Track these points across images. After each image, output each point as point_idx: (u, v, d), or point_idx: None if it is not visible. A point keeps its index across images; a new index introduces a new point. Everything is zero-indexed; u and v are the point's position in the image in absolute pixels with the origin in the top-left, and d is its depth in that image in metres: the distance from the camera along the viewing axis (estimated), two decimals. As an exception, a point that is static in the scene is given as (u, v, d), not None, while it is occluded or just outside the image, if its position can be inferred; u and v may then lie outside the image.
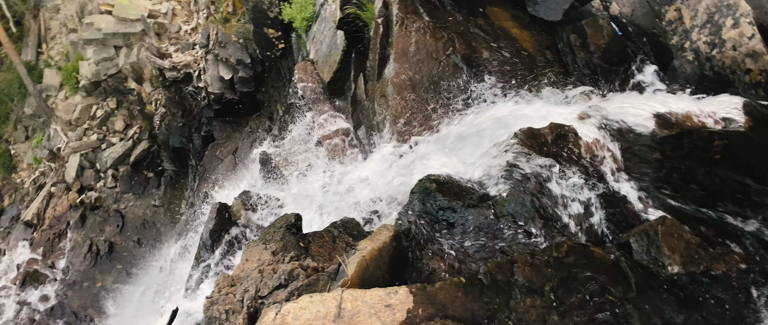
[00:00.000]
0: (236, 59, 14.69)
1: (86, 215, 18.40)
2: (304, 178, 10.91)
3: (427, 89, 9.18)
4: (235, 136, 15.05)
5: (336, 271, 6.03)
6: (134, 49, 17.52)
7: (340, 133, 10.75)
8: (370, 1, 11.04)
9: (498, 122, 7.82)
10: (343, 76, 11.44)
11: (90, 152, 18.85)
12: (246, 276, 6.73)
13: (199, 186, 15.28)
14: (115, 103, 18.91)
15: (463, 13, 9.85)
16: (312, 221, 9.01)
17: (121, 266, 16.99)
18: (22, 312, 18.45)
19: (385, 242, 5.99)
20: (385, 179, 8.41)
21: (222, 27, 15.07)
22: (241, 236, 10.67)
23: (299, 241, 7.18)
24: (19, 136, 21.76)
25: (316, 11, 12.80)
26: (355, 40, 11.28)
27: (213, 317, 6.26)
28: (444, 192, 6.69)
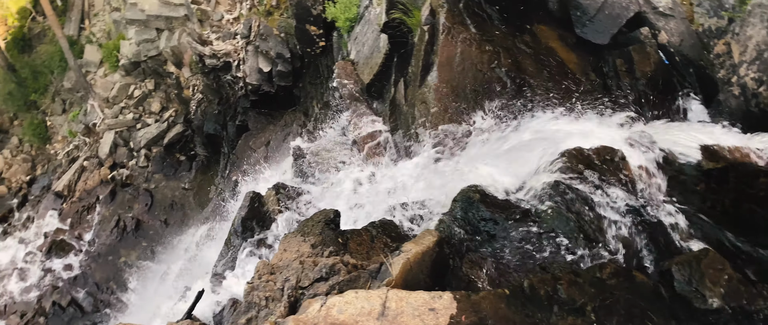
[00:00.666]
0: (276, 53, 14.73)
1: (116, 191, 18.52)
2: (336, 176, 10.90)
3: (469, 100, 9.14)
4: (269, 129, 15.09)
5: (377, 270, 6.01)
6: (176, 33, 17.63)
7: (376, 135, 10.73)
8: (416, 7, 11.03)
9: (542, 138, 7.77)
10: (383, 79, 11.42)
11: (125, 131, 18.98)
12: (285, 265, 6.73)
13: (229, 174, 15.34)
14: (153, 85, 19.03)
15: (510, 28, 9.80)
16: (345, 219, 8.99)
17: (146, 244, 17.08)
18: (45, 278, 18.62)
19: (428, 246, 5.97)
20: (422, 184, 8.40)
21: (264, 19, 15.12)
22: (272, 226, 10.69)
23: (338, 237, 7.17)
24: (56, 109, 21.96)
25: (360, 13, 12.80)
26: (398, 44, 11.26)
27: (253, 303, 6.27)
28: (487, 203, 6.65)
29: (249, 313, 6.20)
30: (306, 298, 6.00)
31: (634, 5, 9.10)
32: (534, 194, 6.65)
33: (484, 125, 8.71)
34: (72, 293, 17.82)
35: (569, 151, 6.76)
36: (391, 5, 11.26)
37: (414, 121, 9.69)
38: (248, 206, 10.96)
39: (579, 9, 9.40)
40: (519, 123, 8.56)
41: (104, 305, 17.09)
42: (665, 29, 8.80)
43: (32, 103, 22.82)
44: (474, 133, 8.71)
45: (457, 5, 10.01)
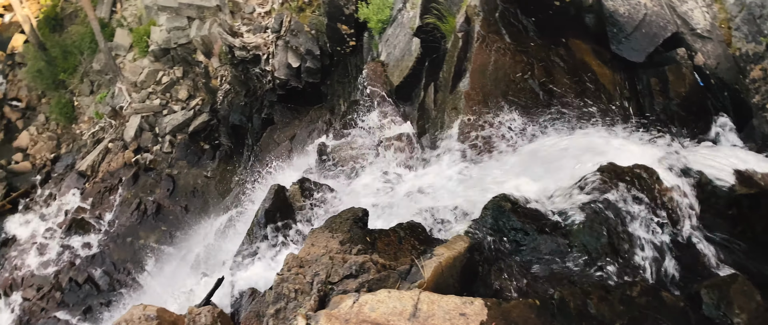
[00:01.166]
0: (306, 49, 14.78)
1: (139, 174, 18.67)
2: (361, 175, 10.93)
3: (501, 108, 9.12)
4: (295, 123, 15.15)
5: (407, 271, 6.03)
6: (207, 22, 17.75)
7: (403, 138, 10.73)
8: (451, 14, 11.03)
9: (574, 151, 7.74)
10: (413, 82, 11.42)
11: (151, 116, 19.13)
12: (314, 260, 6.76)
13: (253, 165, 15.41)
14: (182, 73, 19.16)
15: (545, 40, 9.77)
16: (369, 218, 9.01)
17: (166, 228, 17.20)
18: (63, 255, 18.83)
19: (460, 251, 5.98)
20: (450, 190, 8.39)
21: (296, 15, 15.18)
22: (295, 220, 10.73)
23: (366, 235, 7.19)
24: (84, 90, 22.16)
25: (392, 15, 12.81)
26: (429, 49, 11.26)
27: (282, 294, 6.30)
28: (518, 213, 6.65)
29: (278, 304, 6.23)
30: (335, 293, 6.03)
31: (672, 25, 9.05)
32: (565, 207, 6.63)
33: (515, 135, 8.69)
34: (89, 271, 18.00)
35: (604, 166, 6.72)
36: (426, 10, 11.26)
37: (443, 126, 9.69)
38: (273, 198, 11.02)
39: (616, 26, 9.36)
40: (550, 135, 8.54)
41: (120, 285, 17.25)
42: (702, 51, 8.75)
43: (61, 82, 23.04)
44: (504, 141, 8.69)
45: (493, 14, 9.99)
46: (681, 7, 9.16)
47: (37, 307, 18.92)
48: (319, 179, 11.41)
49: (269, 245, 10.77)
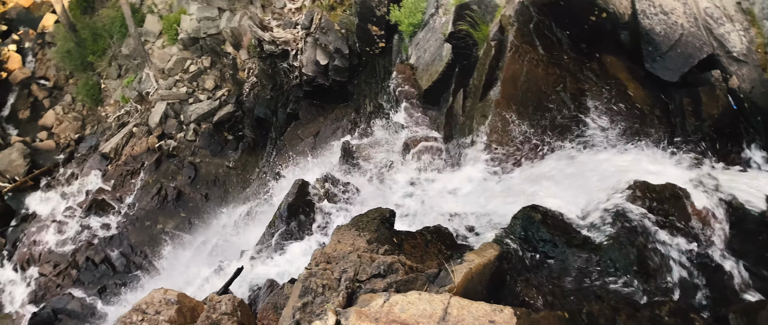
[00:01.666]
0: (335, 47, 14.81)
1: (161, 160, 18.80)
2: (386, 176, 10.94)
3: (531, 119, 9.10)
4: (319, 120, 15.18)
5: (435, 275, 6.02)
6: (237, 14, 17.84)
7: (429, 141, 10.73)
8: (484, 22, 11.01)
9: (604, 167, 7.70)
10: (442, 87, 11.41)
11: (177, 103, 19.25)
12: (341, 257, 6.77)
13: (275, 159, 15.47)
14: (209, 63, 19.27)
15: (579, 54, 9.72)
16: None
17: (185, 215, 17.31)
18: (82, 234, 18.99)
19: (490, 259, 5.97)
20: (476, 196, 8.38)
21: (327, 13, 15.22)
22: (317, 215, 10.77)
23: (392, 236, 7.19)
24: (112, 73, 22.35)
25: (424, 19, 12.81)
26: (460, 55, 11.24)
27: (309, 288, 6.32)
28: (547, 225, 6.62)
29: (305, 297, 6.25)
30: (362, 292, 6.04)
31: (708, 47, 8.98)
32: (595, 223, 6.60)
33: (544, 146, 8.66)
34: (106, 252, 18.15)
35: (636, 183, 6.70)
36: (459, 17, 11.25)
37: (471, 133, 9.68)
38: (296, 193, 11.07)
39: (651, 44, 9.30)
40: (579, 148, 8.50)
41: (136, 267, 17.37)
42: (737, 74, 8.67)
43: (89, 64, 23.25)
44: (532, 152, 8.66)
45: (528, 25, 9.96)
46: (718, 29, 9.09)
47: (53, 283, 19.10)
48: (343, 177, 11.44)
49: (290, 239, 10.81)
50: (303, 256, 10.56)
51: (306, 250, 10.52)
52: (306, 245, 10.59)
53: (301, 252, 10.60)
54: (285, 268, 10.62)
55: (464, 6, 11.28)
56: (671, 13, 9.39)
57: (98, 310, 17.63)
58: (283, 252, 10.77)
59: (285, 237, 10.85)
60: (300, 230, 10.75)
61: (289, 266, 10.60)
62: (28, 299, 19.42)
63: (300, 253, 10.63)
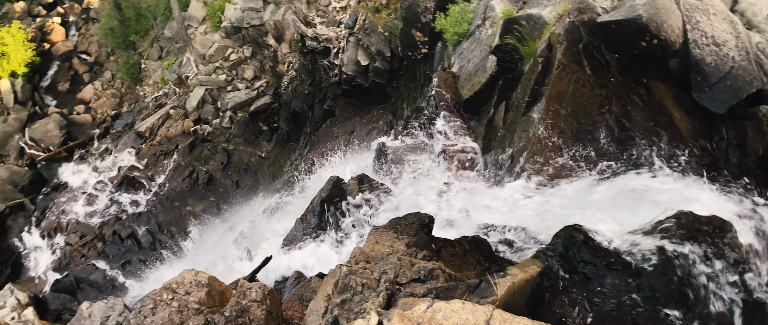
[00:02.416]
0: (377, 49, 14.85)
1: (195, 143, 19.00)
2: (421, 181, 10.93)
3: (574, 138, 9.05)
4: (355, 119, 15.24)
5: (476, 285, 6.02)
6: (282, 8, 17.97)
7: (467, 151, 10.73)
8: (532, 38, 10.97)
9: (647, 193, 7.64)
10: (483, 98, 11.40)
11: (215, 90, 19.45)
12: (380, 258, 6.79)
13: (308, 153, 15.56)
14: (250, 53, 19.44)
15: (626, 78, 9.64)
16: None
17: (214, 199, 17.47)
18: (111, 208, 19.26)
19: (532, 275, 5.96)
20: (514, 211, 8.35)
21: (371, 15, 15.28)
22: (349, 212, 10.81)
23: (431, 242, 7.21)
24: (153, 54, 22.64)
25: (470, 29, 12.81)
26: (505, 68, 11.22)
27: (349, 286, 6.35)
28: (588, 246, 6.59)
29: (344, 295, 6.28)
30: (402, 295, 6.06)
31: (758, 82, 8.86)
32: (638, 248, 6.54)
33: (586, 166, 8.61)
34: (133, 227, 18.39)
35: (681, 213, 6.63)
36: (507, 30, 11.22)
37: (511, 147, 9.66)
38: (330, 188, 11.13)
39: (700, 74, 9.20)
40: (622, 171, 8.44)
41: (161, 246, 17.57)
42: (786, 112, 8.54)
43: (131, 43, 23.56)
44: (574, 170, 8.62)
45: (577, 45, 9.91)
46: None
47: (78, 253, 19.38)
48: (377, 178, 11.47)
49: (320, 233, 10.88)
50: (332, 251, 10.62)
51: (336, 246, 10.58)
52: (336, 241, 10.65)
53: (330, 247, 10.67)
54: (313, 261, 10.68)
55: (513, 20, 11.26)
56: (723, 45, 9.29)
57: (120, 283, 17.85)
58: (312, 246, 10.84)
59: (315, 231, 10.92)
60: (331, 226, 10.80)
61: (317, 259, 10.66)
62: (52, 265, 19.75)
63: (329, 248, 10.69)
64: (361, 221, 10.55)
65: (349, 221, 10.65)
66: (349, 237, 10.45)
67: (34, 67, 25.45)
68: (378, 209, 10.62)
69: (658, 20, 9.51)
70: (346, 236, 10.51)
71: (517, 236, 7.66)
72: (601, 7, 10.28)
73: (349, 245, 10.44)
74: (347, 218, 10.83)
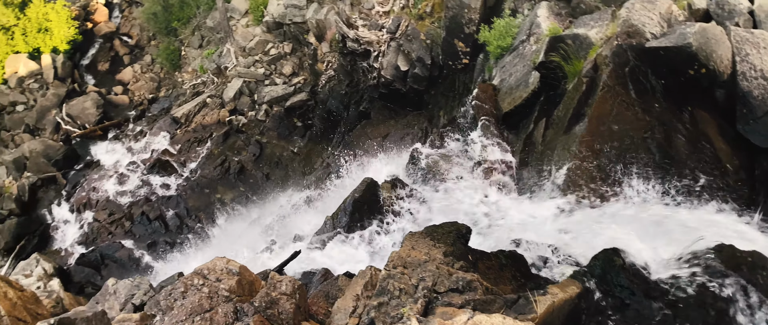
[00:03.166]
0: (417, 56, 14.90)
1: (230, 134, 19.22)
2: (452, 190, 10.93)
3: (614, 161, 9.00)
4: (390, 123, 15.30)
5: (514, 300, 6.02)
6: (325, 8, 18.11)
7: (503, 164, 10.71)
8: (577, 57, 10.93)
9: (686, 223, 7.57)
10: (524, 113, 11.37)
11: (252, 82, 19.65)
12: (417, 264, 6.81)
13: (341, 153, 15.64)
14: (290, 49, 19.61)
15: (670, 105, 9.57)
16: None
17: (244, 190, 17.65)
18: (141, 190, 19.54)
19: (571, 295, 5.94)
20: (550, 228, 8.32)
21: (414, 22, 15.33)
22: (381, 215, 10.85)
23: (468, 253, 7.21)
24: (194, 42, 22.94)
25: (514, 44, 12.79)
26: (547, 85, 11.19)
27: (387, 289, 6.38)
28: (627, 271, 6.55)
29: (381, 297, 6.32)
30: (439, 303, 6.08)
31: (806, 121, 8.73)
32: (676, 277, 6.49)
33: (625, 189, 8.55)
34: (162, 210, 18.65)
35: (721, 246, 6.56)
36: (552, 48, 11.19)
37: (550, 164, 9.62)
38: (364, 189, 11.18)
39: (746, 107, 9.09)
40: (661, 197, 8.37)
41: (188, 230, 17.78)
42: (833, 154, 8.39)
43: (173, 29, 23.91)
44: (613, 193, 8.56)
45: (623, 68, 9.85)
46: (819, 104, 8.83)
47: (105, 230, 19.68)
48: (411, 183, 11.49)
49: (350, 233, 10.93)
50: (361, 251, 10.67)
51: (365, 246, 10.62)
52: (366, 242, 10.69)
53: (359, 248, 10.71)
54: (341, 260, 10.73)
55: (559, 38, 11.23)
56: (773, 80, 9.16)
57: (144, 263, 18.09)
58: (341, 244, 10.89)
59: (346, 230, 10.97)
60: (362, 227, 10.84)
61: (345, 258, 10.71)
62: (78, 239, 20.10)
63: (358, 248, 10.74)
64: (393, 224, 10.58)
65: (380, 223, 10.69)
66: (380, 239, 10.48)
67: (76, 45, 25.95)
68: (411, 215, 10.64)
69: (707, 50, 9.42)
70: (377, 238, 10.54)
71: (553, 253, 7.63)
72: (650, 32, 10.22)
73: (378, 247, 10.48)
74: (379, 220, 10.86)
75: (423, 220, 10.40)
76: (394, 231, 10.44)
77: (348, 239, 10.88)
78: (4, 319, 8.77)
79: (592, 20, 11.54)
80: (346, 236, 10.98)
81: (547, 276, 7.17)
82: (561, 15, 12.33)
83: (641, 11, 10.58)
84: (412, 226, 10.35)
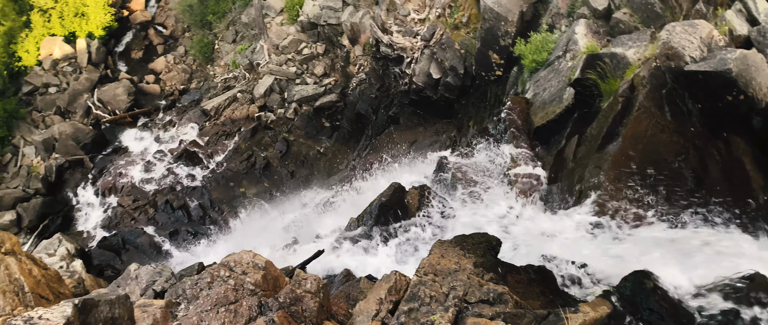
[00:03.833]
0: (450, 65, 14.92)
1: (258, 129, 19.42)
2: (480, 200, 10.92)
3: (646, 182, 8.94)
4: (418, 130, 15.33)
5: (544, 316, 6.01)
6: (360, 11, 18.24)
7: (533, 178, 10.69)
8: (614, 76, 10.86)
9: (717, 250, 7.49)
10: (556, 128, 11.33)
11: (284, 80, 19.84)
12: (448, 273, 6.84)
13: (367, 155, 15.70)
14: (323, 50, 19.77)
15: (706, 129, 9.47)
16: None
17: (268, 185, 17.81)
18: (167, 179, 19.82)
19: (602, 315, 5.92)
20: (579, 247, 8.29)
21: (449, 31, 15.36)
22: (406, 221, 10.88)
23: (497, 265, 7.23)
24: (228, 37, 23.19)
25: (549, 59, 12.75)
26: (582, 102, 11.13)
27: (417, 296, 6.42)
28: (657, 295, 6.51)
29: (412, 303, 6.35)
30: (470, 314, 6.09)
31: None
32: (706, 305, 6.44)
33: (655, 210, 8.50)
34: (186, 200, 18.88)
35: (753, 275, 6.48)
36: (589, 65, 11.14)
37: (581, 181, 9.58)
38: (391, 194, 11.23)
39: (784, 137, 8.98)
40: (693, 221, 8.29)
41: (210, 222, 17.98)
42: None
43: (207, 23, 24.21)
44: (643, 214, 8.51)
45: (660, 90, 9.78)
46: None
47: (128, 215, 19.96)
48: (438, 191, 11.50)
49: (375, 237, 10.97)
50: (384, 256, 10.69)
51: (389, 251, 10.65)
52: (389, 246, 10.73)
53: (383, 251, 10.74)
54: (363, 262, 10.77)
55: (596, 56, 11.18)
56: (813, 112, 9.05)
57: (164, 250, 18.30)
58: (364, 247, 10.94)
59: (370, 233, 11.02)
60: (386, 231, 10.88)
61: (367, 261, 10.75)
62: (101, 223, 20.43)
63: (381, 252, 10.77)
64: (418, 230, 10.60)
65: (405, 229, 10.72)
66: (404, 245, 10.50)
67: (111, 31, 26.36)
68: (436, 222, 10.65)
69: (747, 76, 9.33)
70: (401, 243, 10.57)
71: (581, 271, 7.60)
72: (690, 56, 10.13)
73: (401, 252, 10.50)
74: (404, 225, 10.89)
75: (448, 228, 10.40)
76: (418, 237, 10.45)
77: (371, 242, 10.92)
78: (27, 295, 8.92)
79: (630, 40, 11.47)
80: (370, 239, 11.02)
81: (575, 294, 7.15)
82: (599, 33, 12.27)
83: (682, 34, 10.50)
84: (437, 233, 10.36)
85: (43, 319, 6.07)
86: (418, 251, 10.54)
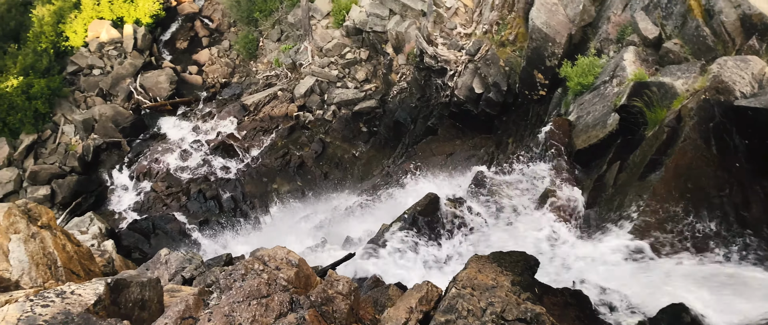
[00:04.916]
0: (494, 81, 14.97)
1: (295, 128, 19.68)
2: (515, 218, 10.94)
3: (687, 214, 8.87)
4: (456, 143, 15.40)
5: (580, 340, 6.03)
6: (407, 21, 18.40)
7: (570, 201, 10.66)
8: (661, 105, 10.80)
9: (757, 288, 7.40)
10: (598, 153, 11.30)
11: (325, 83, 20.10)
12: (485, 288, 6.88)
13: (402, 164, 15.81)
14: (366, 56, 19.99)
15: (752, 166, 9.36)
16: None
17: (301, 184, 18.04)
18: (202, 168, 20.21)
19: (640, 344, 5.90)
20: (616, 274, 8.26)
21: (495, 47, 15.42)
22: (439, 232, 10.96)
23: (534, 286, 7.24)
24: (273, 35, 23.58)
25: (595, 83, 12.73)
26: (626, 128, 11.09)
27: (455, 308, 6.48)
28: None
29: (448, 315, 6.42)
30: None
31: None
32: (747, 344, 6.37)
33: (695, 243, 8.42)
34: (219, 191, 19.23)
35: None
36: (636, 93, 11.10)
37: (620, 208, 9.54)
38: (426, 204, 11.32)
39: (834, 184, 8.83)
40: (730, 258, 8.21)
41: (241, 214, 18.28)
42: None
43: (253, 19, 24.66)
44: (683, 246, 8.44)
45: (708, 123, 9.71)
46: None
47: (161, 201, 20.37)
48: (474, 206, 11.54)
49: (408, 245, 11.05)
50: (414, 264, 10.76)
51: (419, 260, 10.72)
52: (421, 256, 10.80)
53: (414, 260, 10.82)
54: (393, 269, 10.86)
55: (643, 84, 11.13)
56: None
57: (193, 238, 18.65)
58: (395, 254, 11.02)
59: (402, 242, 11.10)
60: (419, 240, 10.96)
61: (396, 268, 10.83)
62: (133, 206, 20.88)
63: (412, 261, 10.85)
64: (451, 243, 10.67)
65: (438, 241, 10.78)
66: (436, 256, 10.57)
67: (158, 20, 27.02)
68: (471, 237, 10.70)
69: (798, 117, 9.20)
70: (433, 254, 10.63)
71: (617, 299, 7.57)
72: (740, 91, 10.04)
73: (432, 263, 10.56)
74: (437, 236, 10.96)
75: (482, 243, 10.44)
76: (450, 250, 10.51)
77: (403, 251, 11.01)
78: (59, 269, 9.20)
79: (679, 71, 11.40)
80: (402, 248, 11.11)
81: (611, 322, 7.13)
82: (648, 61, 12.22)
83: (733, 69, 10.42)
84: (470, 248, 10.40)
85: (76, 294, 6.27)
86: (448, 261, 10.60)
